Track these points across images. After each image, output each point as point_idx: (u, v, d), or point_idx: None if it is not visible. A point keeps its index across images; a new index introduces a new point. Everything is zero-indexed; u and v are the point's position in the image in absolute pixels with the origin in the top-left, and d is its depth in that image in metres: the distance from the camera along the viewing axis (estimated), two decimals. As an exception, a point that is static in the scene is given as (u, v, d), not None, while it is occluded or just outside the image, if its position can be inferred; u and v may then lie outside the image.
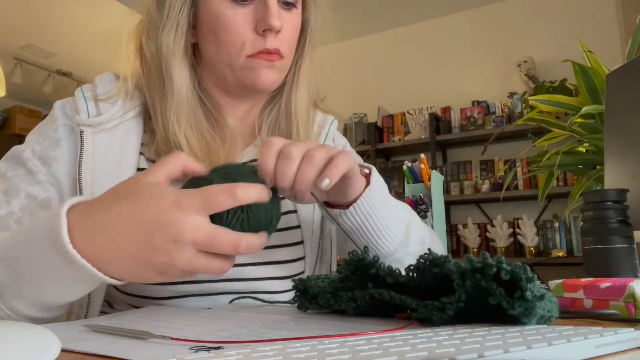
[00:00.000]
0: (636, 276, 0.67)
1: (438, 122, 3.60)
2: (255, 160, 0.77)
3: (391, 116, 3.84)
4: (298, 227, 0.77)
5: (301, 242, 0.76)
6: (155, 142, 0.69)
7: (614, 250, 0.68)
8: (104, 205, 0.46)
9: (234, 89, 0.73)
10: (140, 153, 0.71)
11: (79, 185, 0.65)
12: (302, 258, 0.76)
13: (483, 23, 3.74)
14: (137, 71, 0.72)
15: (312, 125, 0.81)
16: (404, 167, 1.13)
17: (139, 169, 0.70)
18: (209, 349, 0.33)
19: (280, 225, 0.71)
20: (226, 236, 0.45)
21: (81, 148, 0.66)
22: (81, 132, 0.67)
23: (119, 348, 0.34)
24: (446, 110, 3.67)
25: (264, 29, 0.67)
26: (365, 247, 0.50)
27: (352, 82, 4.05)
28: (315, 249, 0.77)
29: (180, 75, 0.69)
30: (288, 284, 0.73)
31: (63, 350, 0.33)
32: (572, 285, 0.56)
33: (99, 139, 0.67)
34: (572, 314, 0.52)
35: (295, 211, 0.78)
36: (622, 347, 0.33)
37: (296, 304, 0.56)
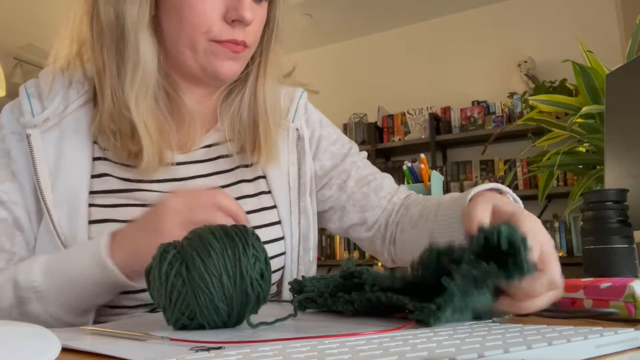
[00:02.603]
0: (636, 276, 0.67)
1: (438, 122, 3.60)
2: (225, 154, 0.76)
3: (391, 116, 3.84)
4: (274, 207, 0.76)
5: (278, 222, 0.75)
6: (99, 116, 0.66)
7: (614, 250, 0.68)
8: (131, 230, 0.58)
9: (193, 72, 0.69)
10: (94, 142, 0.69)
11: (40, 192, 0.64)
12: (281, 238, 0.75)
13: (483, 23, 3.74)
14: (84, 37, 0.67)
15: (280, 115, 0.79)
16: (404, 167, 1.13)
17: (95, 159, 0.68)
18: (209, 349, 0.33)
19: (254, 207, 0.73)
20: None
21: (31, 152, 0.64)
22: (28, 136, 0.65)
23: (119, 348, 0.34)
24: (446, 110, 3.67)
25: (234, 19, 0.65)
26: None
27: (352, 82, 4.05)
28: (296, 230, 0.76)
29: (146, 50, 0.64)
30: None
31: (63, 350, 0.33)
32: (572, 285, 0.56)
33: (49, 140, 0.66)
34: (572, 313, 0.52)
35: (269, 192, 0.77)
36: (622, 347, 0.33)
37: (293, 303, 0.56)
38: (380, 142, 3.78)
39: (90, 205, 0.65)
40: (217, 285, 0.42)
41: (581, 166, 1.58)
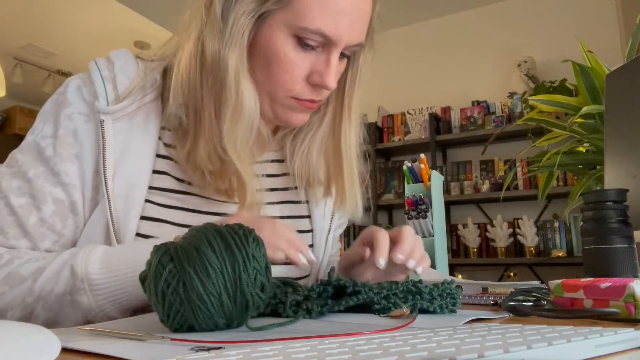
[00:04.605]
0: (636, 276, 0.67)
1: (438, 122, 3.60)
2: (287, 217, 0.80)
3: (391, 116, 3.84)
4: (310, 231, 0.79)
5: (311, 246, 0.77)
6: (197, 155, 0.65)
7: (614, 250, 0.68)
8: None
9: (266, 115, 0.70)
10: (159, 138, 0.69)
11: (105, 179, 0.63)
12: None
13: (483, 23, 3.74)
14: (189, 69, 0.65)
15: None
16: (404, 167, 1.13)
17: (158, 156, 0.68)
18: (209, 349, 0.33)
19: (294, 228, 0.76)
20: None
21: (103, 140, 0.64)
22: (101, 122, 0.64)
23: (119, 348, 0.34)
24: (446, 110, 3.67)
25: (317, 84, 0.66)
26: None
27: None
28: (321, 255, 0.79)
29: (249, 98, 0.64)
30: None
31: (63, 350, 0.33)
32: (572, 285, 0.56)
33: (119, 127, 0.65)
34: (572, 313, 0.52)
35: (309, 216, 0.80)
36: (622, 347, 0.33)
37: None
38: (380, 142, 3.78)
39: (146, 200, 0.66)
40: (216, 305, 0.41)
41: (581, 166, 1.58)
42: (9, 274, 0.58)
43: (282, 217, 0.76)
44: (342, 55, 0.68)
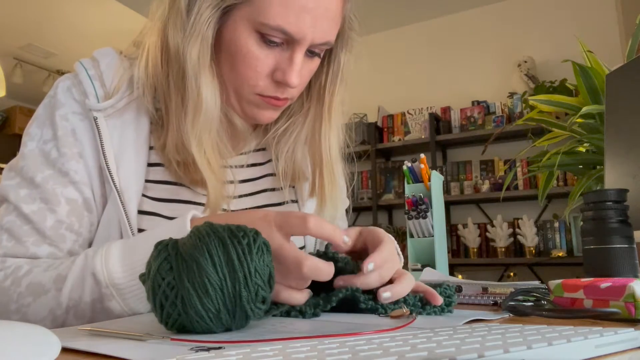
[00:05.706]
0: (636, 276, 0.67)
1: (438, 122, 3.60)
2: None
3: (391, 116, 3.84)
4: (302, 247, 0.78)
5: (302, 248, 0.77)
6: (167, 146, 0.66)
7: (614, 250, 0.68)
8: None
9: (235, 111, 0.71)
10: (150, 131, 0.69)
11: (110, 174, 0.63)
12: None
13: (483, 23, 3.74)
14: (156, 60, 0.67)
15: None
16: (404, 167, 1.13)
17: (152, 148, 0.69)
18: (209, 349, 0.33)
19: None
20: (293, 252, 0.47)
21: (100, 136, 0.64)
22: (95, 119, 0.64)
23: (119, 348, 0.34)
24: (446, 110, 3.67)
25: (280, 80, 0.65)
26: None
27: (352, 82, 4.04)
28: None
29: (208, 94, 0.64)
30: None
31: (63, 350, 0.33)
32: (572, 285, 0.56)
33: (112, 125, 0.65)
34: (572, 313, 0.52)
35: (296, 201, 0.81)
36: (622, 347, 0.33)
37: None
38: (380, 142, 3.78)
39: (142, 195, 0.66)
40: (214, 319, 0.41)
41: (581, 166, 1.58)
42: (30, 284, 0.57)
43: (264, 206, 0.76)
44: (312, 53, 0.67)
